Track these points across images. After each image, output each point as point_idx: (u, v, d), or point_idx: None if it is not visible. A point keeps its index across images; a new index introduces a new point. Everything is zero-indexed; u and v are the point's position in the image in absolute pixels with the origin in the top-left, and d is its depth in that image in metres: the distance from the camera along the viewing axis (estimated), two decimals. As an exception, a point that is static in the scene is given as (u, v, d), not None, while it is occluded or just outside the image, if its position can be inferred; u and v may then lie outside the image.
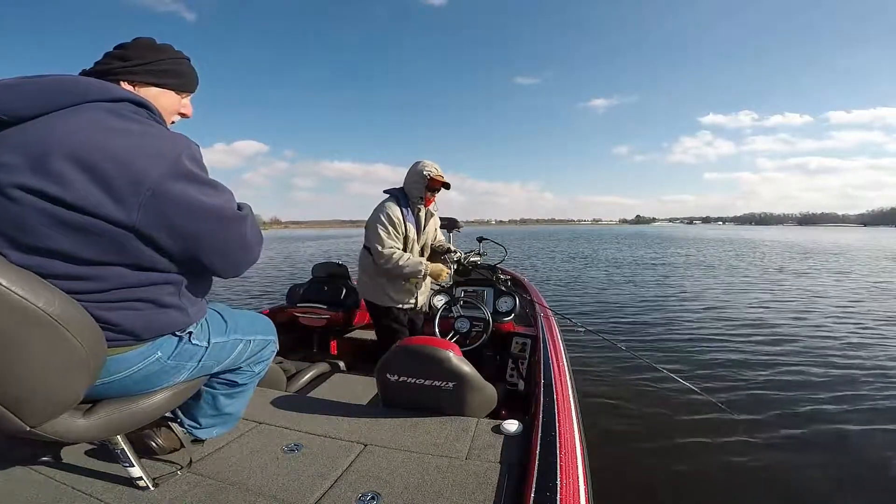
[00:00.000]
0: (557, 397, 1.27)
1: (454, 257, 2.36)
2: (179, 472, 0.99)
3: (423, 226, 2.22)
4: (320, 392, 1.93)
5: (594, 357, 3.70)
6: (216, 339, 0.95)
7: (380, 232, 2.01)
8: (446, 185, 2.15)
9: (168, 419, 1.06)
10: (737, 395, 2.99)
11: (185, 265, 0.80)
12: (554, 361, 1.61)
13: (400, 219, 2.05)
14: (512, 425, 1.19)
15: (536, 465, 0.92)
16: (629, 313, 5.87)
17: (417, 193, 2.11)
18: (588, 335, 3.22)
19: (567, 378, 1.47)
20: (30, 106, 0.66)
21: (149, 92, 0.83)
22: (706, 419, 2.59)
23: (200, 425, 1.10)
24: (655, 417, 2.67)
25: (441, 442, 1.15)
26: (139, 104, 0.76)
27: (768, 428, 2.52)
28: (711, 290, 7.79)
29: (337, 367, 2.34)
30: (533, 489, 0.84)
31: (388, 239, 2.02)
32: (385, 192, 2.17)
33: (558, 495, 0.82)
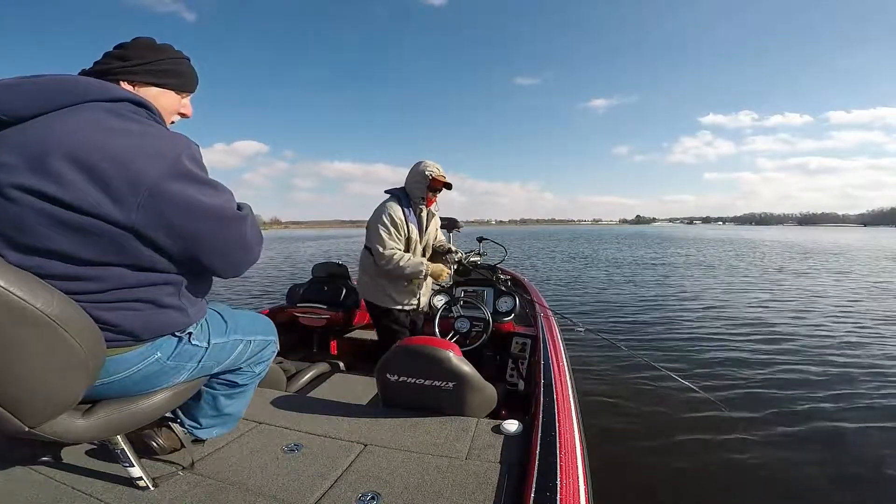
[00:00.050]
0: (557, 397, 1.27)
1: (455, 258, 2.35)
2: (180, 473, 0.99)
3: (425, 226, 2.20)
4: (320, 392, 1.93)
5: (594, 357, 3.70)
6: (216, 340, 0.94)
7: (381, 233, 1.99)
8: (448, 186, 2.14)
9: (168, 419, 1.06)
10: (736, 394, 3.00)
11: (185, 265, 0.79)
12: (554, 361, 1.61)
13: (402, 220, 2.04)
14: (512, 425, 1.19)
15: (536, 465, 0.92)
16: (629, 313, 5.87)
17: (419, 194, 2.10)
18: (588, 335, 3.22)
19: (567, 378, 1.47)
20: (29, 106, 0.66)
21: (148, 92, 0.82)
22: (706, 418, 2.59)
23: (201, 425, 1.10)
24: (655, 417, 2.67)
25: (441, 442, 1.15)
26: (139, 104, 0.76)
27: (767, 426, 2.53)
28: (711, 290, 7.79)
29: (337, 367, 2.33)
30: (533, 489, 0.84)
31: (390, 240, 2.00)
32: (386, 193, 2.15)
33: (558, 495, 0.81)
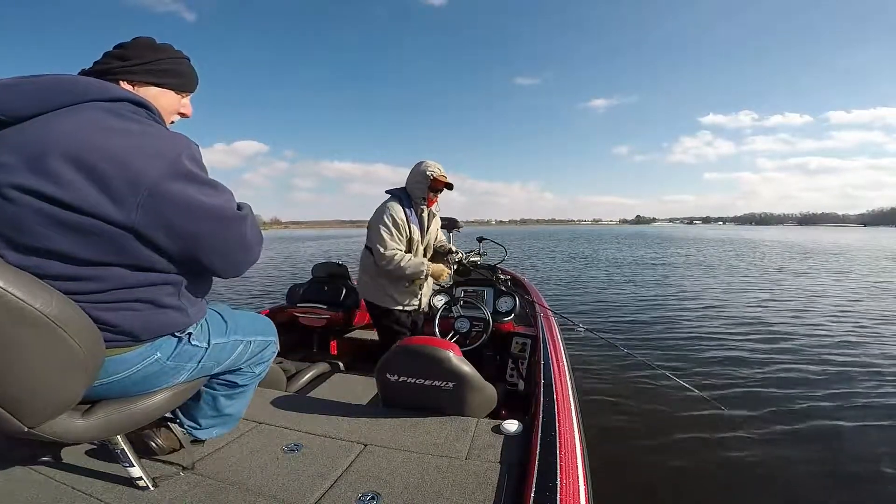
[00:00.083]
0: (557, 397, 1.27)
1: (455, 258, 2.35)
2: (180, 473, 0.99)
3: (427, 227, 2.19)
4: (320, 392, 1.93)
5: (594, 357, 3.70)
6: (216, 340, 0.94)
7: (382, 233, 1.98)
8: (449, 186, 2.13)
9: (168, 419, 1.06)
10: (735, 393, 3.01)
11: (185, 265, 0.79)
12: (554, 361, 1.61)
13: (404, 220, 2.03)
14: (512, 425, 1.19)
15: (536, 465, 0.91)
16: (629, 313, 5.87)
17: (420, 194, 2.09)
18: (588, 335, 3.23)
19: (567, 378, 1.47)
20: (28, 105, 0.66)
21: (148, 92, 0.82)
22: (706, 417, 2.59)
23: (200, 426, 1.10)
24: (655, 416, 2.67)
25: (441, 442, 1.15)
26: (138, 104, 0.76)
27: (766, 425, 2.53)
28: (711, 290, 7.79)
29: (337, 367, 2.33)
30: (533, 489, 0.84)
31: (391, 241, 1.99)
32: (387, 193, 2.14)
33: (558, 495, 0.81)
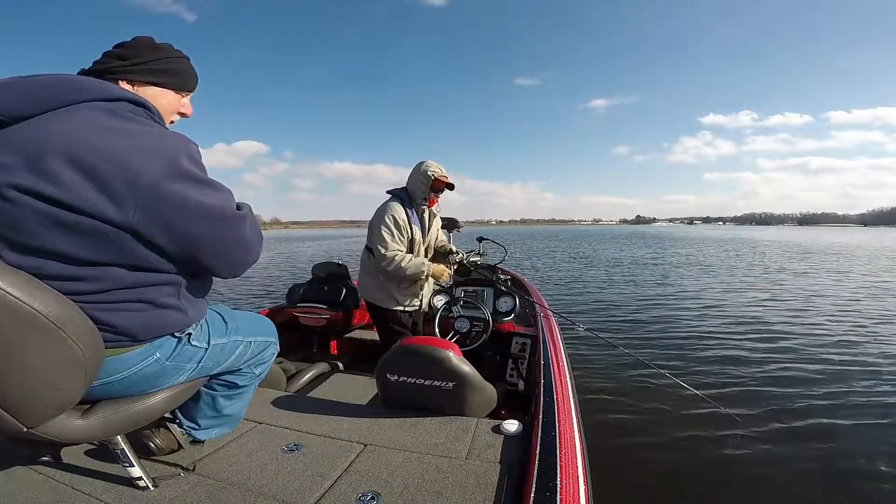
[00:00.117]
0: (557, 397, 1.27)
1: (455, 258, 2.35)
2: (180, 473, 0.99)
3: (428, 227, 2.19)
4: (320, 392, 1.93)
5: (594, 357, 3.69)
6: (216, 341, 0.94)
7: (383, 233, 1.97)
8: (450, 186, 2.13)
9: (167, 420, 1.06)
10: (735, 392, 3.01)
11: (184, 265, 0.79)
12: (554, 361, 1.61)
13: (405, 220, 2.02)
14: (512, 425, 1.19)
15: (536, 465, 0.91)
16: (629, 312, 5.87)
17: (421, 194, 2.08)
18: (588, 335, 3.23)
19: (567, 378, 1.47)
20: (27, 105, 0.66)
21: (148, 91, 0.82)
22: (705, 417, 2.59)
23: (199, 426, 1.10)
24: (655, 416, 2.67)
25: (441, 442, 1.15)
26: (137, 103, 0.76)
27: (765, 424, 2.54)
28: (711, 290, 7.79)
29: (337, 367, 2.33)
30: (533, 489, 0.84)
31: (392, 241, 1.98)
32: (388, 193, 2.14)
33: (558, 495, 0.81)
